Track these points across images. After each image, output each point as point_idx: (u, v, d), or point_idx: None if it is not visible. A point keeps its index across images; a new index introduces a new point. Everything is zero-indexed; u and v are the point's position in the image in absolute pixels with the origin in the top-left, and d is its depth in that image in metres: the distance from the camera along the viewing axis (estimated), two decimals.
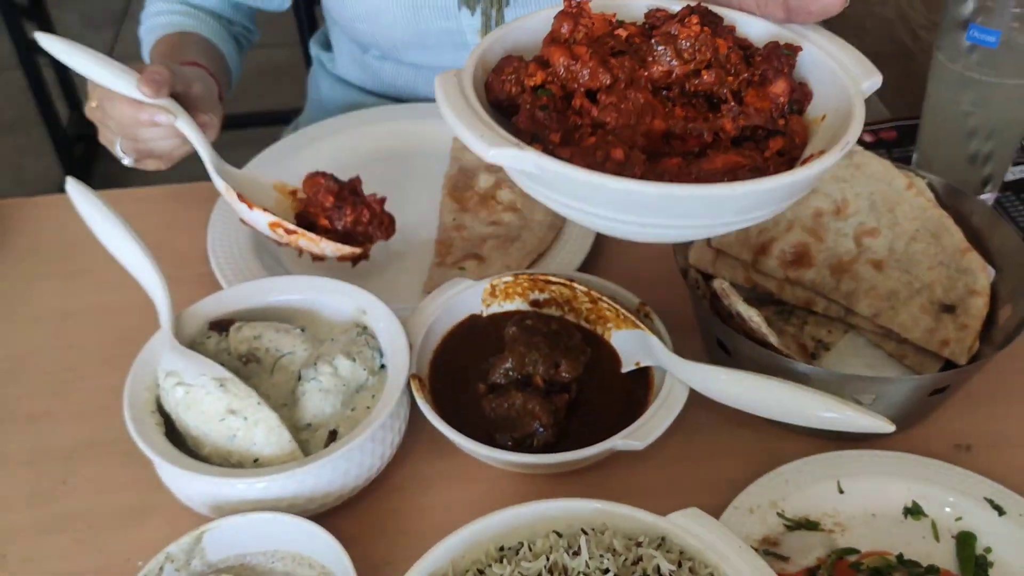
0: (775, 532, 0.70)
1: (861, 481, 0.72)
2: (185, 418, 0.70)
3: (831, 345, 0.85)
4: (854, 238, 0.86)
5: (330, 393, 0.73)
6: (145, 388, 0.72)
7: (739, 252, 0.87)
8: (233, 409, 0.69)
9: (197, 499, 0.69)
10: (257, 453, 0.69)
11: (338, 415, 0.73)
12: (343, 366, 0.74)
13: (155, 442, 0.68)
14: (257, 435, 0.69)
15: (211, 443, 0.69)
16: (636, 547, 0.61)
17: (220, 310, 0.80)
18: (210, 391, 0.69)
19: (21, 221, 1.03)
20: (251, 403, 0.69)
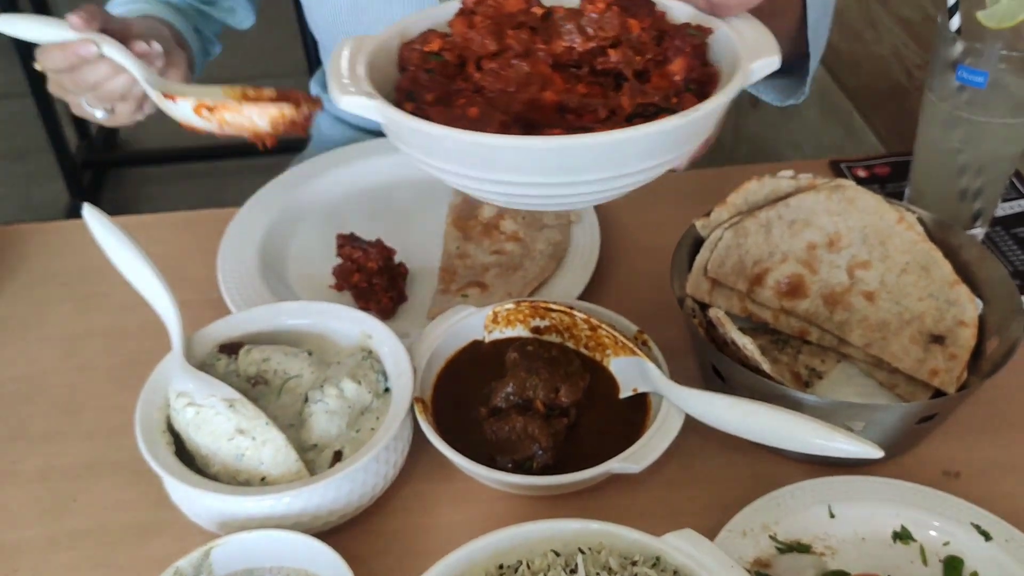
0: (767, 554, 0.72)
1: (852, 506, 0.74)
2: (195, 437, 0.72)
3: (824, 374, 0.88)
4: (847, 270, 0.89)
5: (336, 415, 0.75)
6: (156, 408, 0.74)
7: (735, 282, 0.89)
8: (242, 429, 0.71)
9: (205, 516, 0.71)
10: (265, 472, 0.71)
11: (343, 436, 0.75)
12: (349, 389, 0.76)
13: (165, 460, 0.70)
14: (265, 454, 0.71)
15: (220, 462, 0.71)
16: (632, 566, 0.63)
17: (229, 333, 0.82)
18: (220, 411, 0.71)
19: (35, 246, 1.06)
20: (259, 423, 0.71)
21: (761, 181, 0.91)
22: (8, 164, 2.92)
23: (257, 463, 0.71)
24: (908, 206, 0.89)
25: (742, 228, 0.89)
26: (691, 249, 0.90)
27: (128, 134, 2.97)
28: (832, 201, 0.89)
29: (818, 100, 1.77)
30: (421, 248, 1.02)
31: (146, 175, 2.81)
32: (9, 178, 2.88)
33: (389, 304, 0.92)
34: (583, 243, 1.01)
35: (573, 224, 1.04)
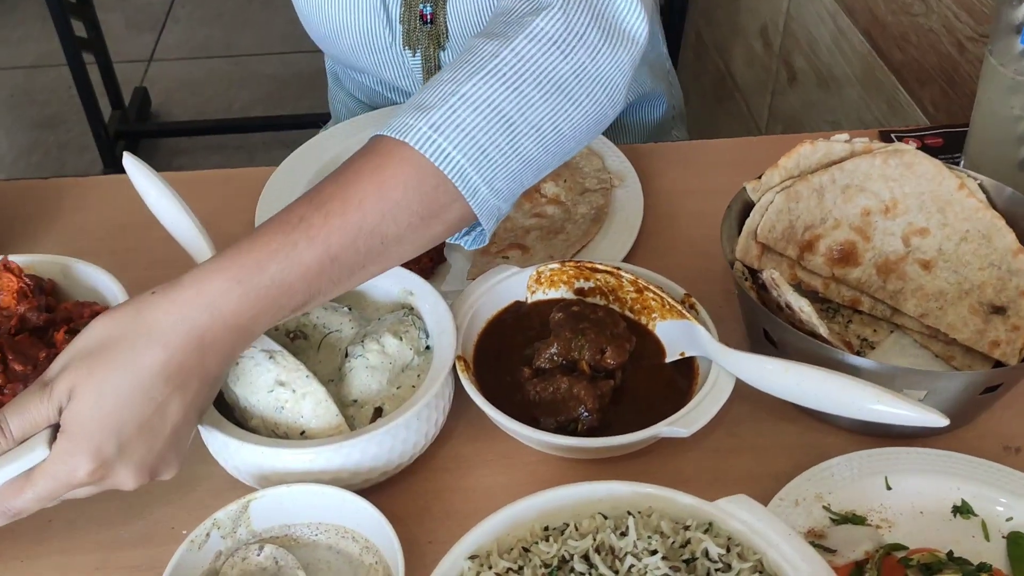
0: (821, 525, 0.69)
1: (909, 478, 0.71)
2: (234, 389, 0.70)
3: (876, 344, 0.85)
4: (902, 238, 0.86)
5: (376, 370, 0.73)
6: None
7: (785, 248, 0.86)
8: (282, 381, 0.69)
9: (244, 469, 0.70)
10: (304, 425, 0.69)
11: (384, 393, 0.74)
12: (390, 344, 0.74)
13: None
14: (305, 408, 0.69)
15: (259, 414, 0.70)
16: (684, 530, 0.61)
17: None
18: (259, 363, 0.70)
19: (70, 200, 1.05)
20: (300, 376, 0.69)
21: (814, 145, 0.88)
22: (42, 133, 2.93)
23: (297, 416, 0.69)
24: (969, 172, 0.86)
25: (794, 192, 0.86)
26: (741, 213, 0.87)
27: (160, 106, 2.97)
28: (889, 166, 0.85)
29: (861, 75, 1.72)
30: None
31: (178, 146, 2.81)
32: (43, 147, 2.89)
33: (429, 264, 0.90)
34: (626, 207, 0.99)
35: (616, 188, 1.01)
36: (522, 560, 0.60)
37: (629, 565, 0.58)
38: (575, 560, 0.59)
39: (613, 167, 1.04)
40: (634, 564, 0.58)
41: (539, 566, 0.59)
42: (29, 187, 1.07)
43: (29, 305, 0.75)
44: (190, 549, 0.63)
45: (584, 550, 0.59)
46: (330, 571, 0.66)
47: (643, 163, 1.05)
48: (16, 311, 0.75)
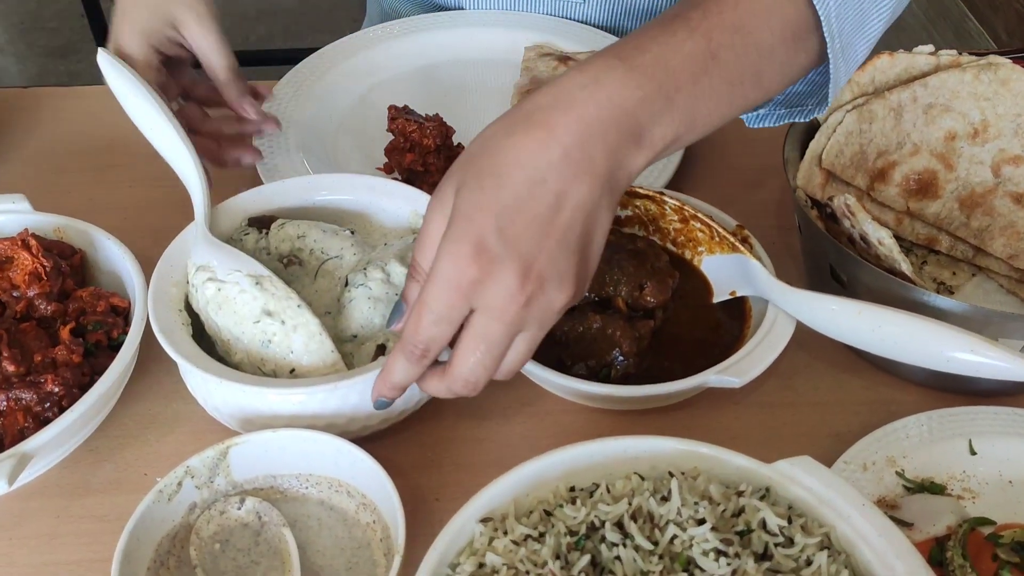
0: (893, 494, 0.59)
1: (997, 442, 0.61)
2: (216, 319, 0.61)
3: (955, 289, 0.74)
4: (992, 167, 0.74)
5: (380, 302, 0.63)
6: (172, 283, 0.63)
7: (853, 177, 0.75)
8: (270, 310, 0.60)
9: (224, 410, 0.61)
10: (294, 362, 0.60)
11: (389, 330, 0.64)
12: (396, 273, 0.64)
13: (180, 342, 0.60)
14: (295, 342, 0.60)
15: (243, 348, 0.60)
16: (736, 497, 0.51)
17: (261, 205, 0.70)
18: (244, 289, 0.60)
19: (52, 111, 0.95)
20: (290, 305, 0.60)
21: (893, 57, 0.76)
22: (53, 61, 2.84)
23: (286, 351, 0.60)
24: None
25: (867, 112, 0.74)
26: (804, 134, 0.75)
27: None
28: (980, 82, 0.74)
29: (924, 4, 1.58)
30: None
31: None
32: (54, 75, 2.80)
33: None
34: None
35: None
36: (543, 526, 0.50)
37: (671, 536, 0.49)
38: (606, 528, 0.50)
39: None
40: (677, 535, 0.49)
41: (563, 533, 0.50)
42: (14, 95, 0.98)
43: (40, 289, 0.66)
44: (158, 500, 0.55)
45: (617, 516, 0.50)
46: (320, 529, 0.58)
47: None
48: (25, 294, 0.66)
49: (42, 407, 0.60)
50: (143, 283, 0.67)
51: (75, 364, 0.62)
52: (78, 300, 0.67)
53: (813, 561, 0.48)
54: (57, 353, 0.62)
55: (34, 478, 0.62)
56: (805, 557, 0.48)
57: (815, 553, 0.48)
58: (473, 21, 1.02)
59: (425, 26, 1.01)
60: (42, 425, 0.59)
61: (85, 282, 0.71)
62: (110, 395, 0.63)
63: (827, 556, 0.48)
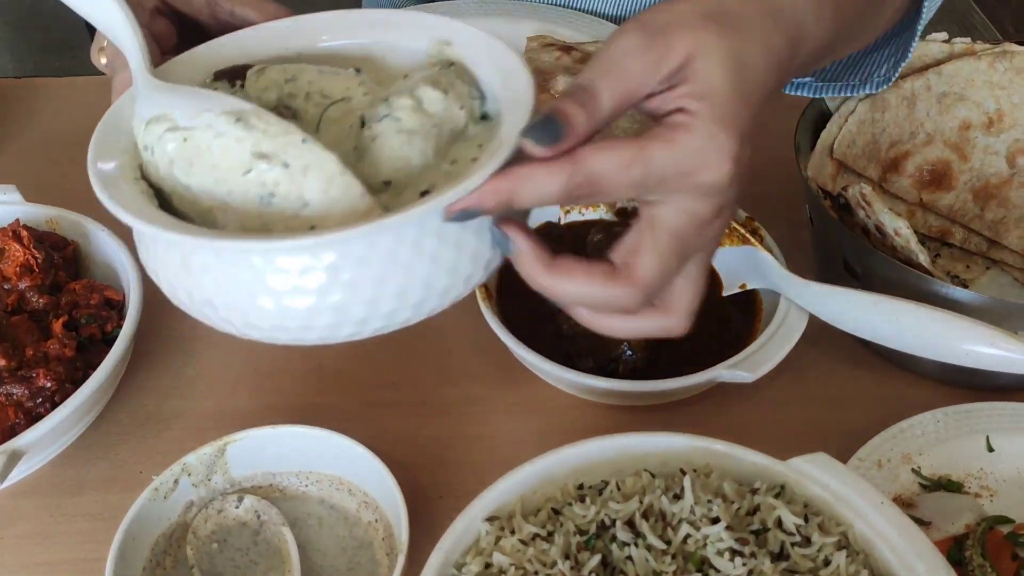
0: (909, 491, 0.58)
1: (1015, 439, 0.60)
2: (188, 182, 0.44)
3: (970, 282, 0.72)
4: (1007, 157, 0.72)
5: (416, 136, 0.46)
6: (120, 150, 0.46)
7: (865, 167, 0.74)
8: (264, 152, 0.43)
9: (200, 294, 0.44)
10: (312, 216, 0.43)
11: (432, 169, 0.46)
12: (431, 99, 0.47)
13: (134, 204, 0.43)
14: (309, 188, 0.43)
15: (235, 212, 0.44)
16: (751, 495, 0.49)
17: (228, 58, 0.51)
18: (222, 131, 0.44)
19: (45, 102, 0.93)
20: (292, 140, 0.43)
21: None
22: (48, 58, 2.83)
23: (298, 204, 0.43)
24: None
25: (880, 100, 0.73)
26: (815, 123, 0.74)
27: None
28: (996, 71, 0.72)
29: None
30: None
31: None
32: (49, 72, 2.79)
33: None
34: None
35: None
36: (552, 524, 0.49)
37: (684, 535, 0.47)
38: (617, 527, 0.48)
39: None
40: (691, 534, 0.47)
41: (572, 532, 0.48)
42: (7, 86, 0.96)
43: (32, 282, 0.64)
44: (154, 498, 0.53)
45: (628, 514, 0.49)
46: (321, 528, 0.56)
47: None
48: (16, 287, 0.64)
49: (34, 402, 0.58)
50: (138, 276, 0.65)
51: (68, 358, 0.61)
52: (71, 293, 0.65)
53: (831, 561, 0.47)
54: (49, 347, 0.61)
55: (26, 475, 0.61)
56: (823, 557, 0.47)
57: (833, 553, 0.47)
58: (473, 11, 1.00)
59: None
60: (34, 421, 0.57)
61: (78, 274, 0.69)
62: (104, 390, 0.61)
63: (845, 556, 0.47)
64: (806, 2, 0.48)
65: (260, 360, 0.67)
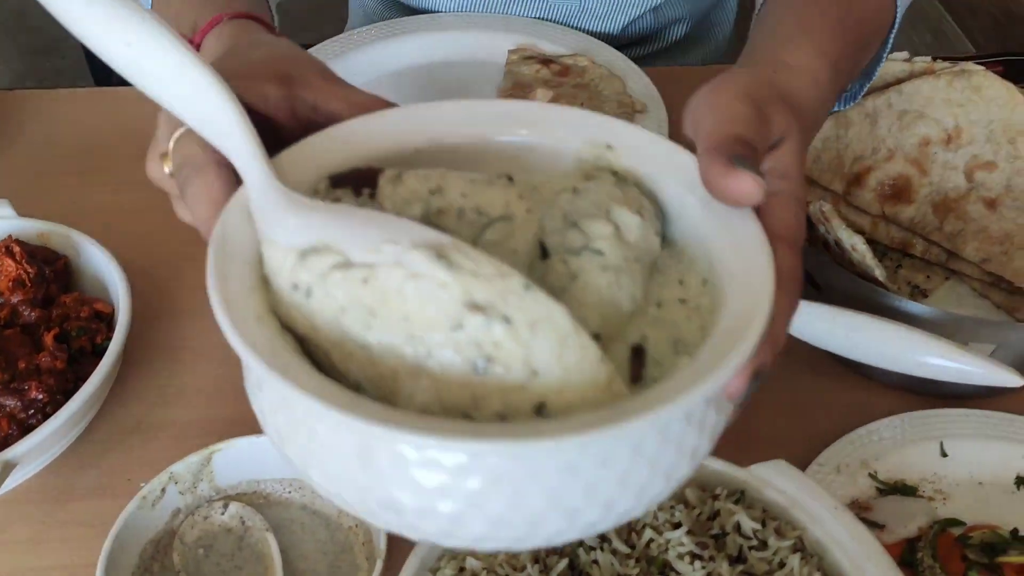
0: (866, 495, 0.61)
1: (968, 444, 0.63)
2: (365, 339, 0.34)
3: (929, 292, 0.75)
4: (965, 172, 0.75)
5: (623, 274, 0.38)
6: (248, 288, 0.36)
7: (830, 181, 0.76)
8: (479, 303, 0.33)
9: (411, 504, 0.33)
10: (544, 391, 0.33)
11: (639, 315, 0.38)
12: (628, 224, 0.39)
13: (292, 366, 0.33)
14: (538, 350, 0.33)
15: (431, 380, 0.34)
16: (712, 500, 0.52)
17: (342, 156, 0.41)
18: (418, 272, 0.34)
19: (34, 114, 0.95)
20: (512, 287, 0.34)
21: None
22: (37, 59, 2.83)
23: (524, 373, 0.33)
24: None
25: (843, 118, 0.76)
26: None
27: None
28: (954, 89, 0.75)
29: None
30: None
31: None
32: (38, 74, 2.79)
33: None
34: None
35: (638, 115, 0.91)
36: None
37: (648, 539, 0.50)
38: None
39: (636, 91, 0.93)
40: (654, 538, 0.50)
41: None
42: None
43: (24, 296, 0.66)
44: (142, 506, 0.55)
45: None
46: (304, 533, 0.58)
47: (668, 88, 0.94)
48: (9, 301, 0.67)
49: (26, 414, 0.60)
50: (127, 288, 0.67)
51: (59, 370, 0.63)
52: (62, 306, 0.67)
53: (786, 563, 0.49)
54: (41, 359, 0.63)
55: (18, 484, 0.63)
56: (778, 560, 0.50)
57: (788, 556, 0.50)
58: (454, 24, 1.03)
59: (406, 29, 1.02)
60: (26, 432, 0.59)
61: (69, 287, 0.71)
62: (94, 401, 0.63)
63: (799, 559, 0.49)
64: (831, 95, 0.52)
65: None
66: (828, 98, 0.52)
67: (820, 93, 0.51)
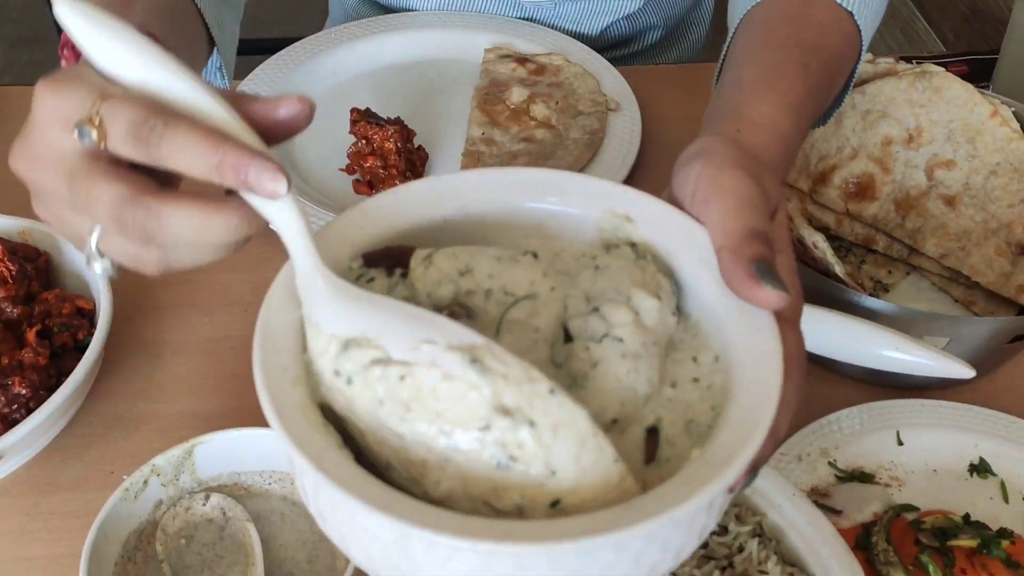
0: (825, 482, 0.63)
1: (923, 433, 0.65)
2: (400, 430, 0.37)
3: (891, 287, 0.78)
4: (926, 170, 0.78)
5: (641, 360, 0.40)
6: (291, 380, 0.39)
7: (796, 180, 0.79)
8: (507, 407, 0.36)
9: None
10: (559, 489, 0.36)
11: (655, 397, 0.40)
12: (647, 309, 0.41)
13: (338, 464, 0.36)
14: (558, 452, 0.36)
15: (458, 471, 0.36)
16: None
17: (371, 230, 0.44)
18: (451, 374, 0.36)
19: (13, 110, 0.96)
20: (538, 391, 0.36)
21: None
22: (16, 51, 2.81)
23: (543, 472, 0.36)
24: (1004, 99, 0.77)
25: None
26: None
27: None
28: (915, 90, 0.77)
29: None
30: (442, 133, 0.92)
31: None
32: (17, 66, 2.77)
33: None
34: (622, 133, 0.91)
35: (612, 112, 0.93)
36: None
37: None
38: None
39: (610, 89, 0.95)
40: None
41: None
42: None
43: (7, 293, 0.67)
44: (125, 498, 0.57)
45: None
46: (283, 523, 0.60)
47: (642, 86, 0.97)
48: None
49: (10, 408, 0.62)
50: (107, 285, 0.68)
51: (42, 366, 0.64)
52: (44, 303, 0.68)
53: (745, 547, 0.52)
54: (24, 355, 0.64)
55: (2, 477, 0.64)
56: (738, 544, 0.52)
57: (747, 540, 0.52)
58: (432, 23, 1.04)
59: (385, 27, 1.03)
60: (10, 426, 0.60)
61: (50, 284, 0.72)
62: (76, 396, 0.65)
63: (758, 543, 0.52)
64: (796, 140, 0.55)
65: (225, 365, 0.71)
66: (793, 143, 0.55)
67: (784, 144, 0.53)
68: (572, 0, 1.02)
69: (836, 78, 0.65)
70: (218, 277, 0.77)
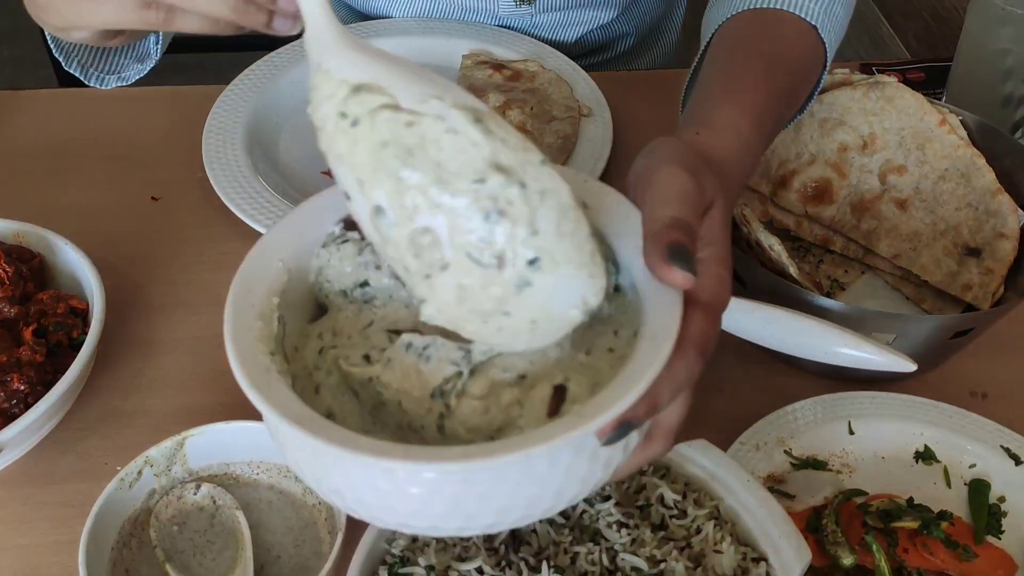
0: (781, 470, 0.67)
1: (873, 423, 0.69)
2: (400, 172, 0.40)
3: (847, 285, 0.82)
4: (879, 175, 0.82)
5: None
6: (255, 315, 0.45)
7: (757, 184, 0.83)
8: (503, 165, 0.39)
9: (351, 495, 0.44)
10: (538, 246, 0.40)
11: (567, 361, 0.44)
12: None
13: (289, 404, 0.42)
14: (542, 216, 0.40)
15: (446, 232, 0.40)
16: (639, 475, 0.58)
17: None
18: (456, 128, 0.39)
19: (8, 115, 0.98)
20: (531, 160, 0.40)
21: None
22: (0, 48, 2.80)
23: (527, 232, 0.40)
24: (952, 108, 0.82)
25: None
26: None
27: None
28: (869, 99, 0.82)
29: None
30: None
31: None
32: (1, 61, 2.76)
33: None
34: (594, 138, 0.94)
35: (584, 118, 0.97)
36: None
37: (581, 511, 0.56)
38: None
39: (583, 95, 0.99)
40: (586, 510, 0.56)
41: None
42: None
43: (4, 294, 0.70)
44: (120, 487, 0.60)
45: None
46: (271, 511, 0.64)
47: (614, 92, 1.00)
48: None
49: (9, 403, 0.65)
50: (100, 285, 0.71)
51: (38, 363, 0.67)
52: (39, 303, 0.71)
53: (702, 530, 0.56)
54: (21, 353, 0.67)
55: (3, 468, 0.67)
56: (696, 526, 0.56)
57: (704, 523, 0.56)
58: (410, 29, 1.07)
59: (364, 34, 1.06)
60: (9, 420, 0.63)
61: (45, 284, 0.75)
62: (72, 391, 0.68)
63: (714, 525, 0.56)
64: (758, 145, 0.59)
65: (214, 361, 0.74)
66: (753, 145, 0.59)
67: (743, 145, 0.57)
68: (548, 12, 1.06)
69: (801, 87, 0.69)
70: (206, 278, 0.80)
